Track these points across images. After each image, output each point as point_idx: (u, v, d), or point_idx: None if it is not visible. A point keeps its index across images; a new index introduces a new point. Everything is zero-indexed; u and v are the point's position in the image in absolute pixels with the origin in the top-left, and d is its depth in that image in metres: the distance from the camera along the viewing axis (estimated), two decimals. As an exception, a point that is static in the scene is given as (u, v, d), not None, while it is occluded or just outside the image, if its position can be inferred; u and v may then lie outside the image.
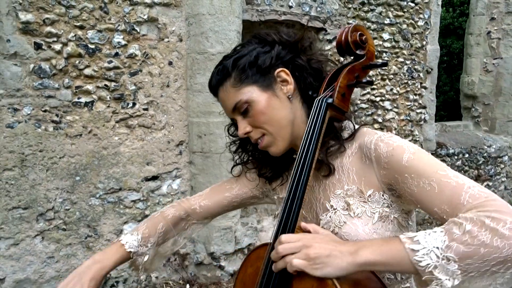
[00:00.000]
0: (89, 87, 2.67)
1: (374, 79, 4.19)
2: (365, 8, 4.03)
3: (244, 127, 0.89)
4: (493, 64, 5.55)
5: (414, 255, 0.64)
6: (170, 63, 2.95)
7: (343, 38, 0.84)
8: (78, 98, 2.65)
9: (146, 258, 1.04)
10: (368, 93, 4.17)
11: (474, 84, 5.68)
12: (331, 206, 0.86)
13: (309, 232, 0.78)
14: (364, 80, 0.87)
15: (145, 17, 2.80)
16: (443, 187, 0.70)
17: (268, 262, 0.80)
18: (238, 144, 1.05)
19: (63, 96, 2.60)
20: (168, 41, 2.92)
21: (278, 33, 0.90)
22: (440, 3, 4.59)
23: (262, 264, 0.84)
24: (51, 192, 2.63)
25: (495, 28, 5.48)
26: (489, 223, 0.62)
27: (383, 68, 4.25)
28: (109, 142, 2.78)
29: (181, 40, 2.96)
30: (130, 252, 1.00)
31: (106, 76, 2.72)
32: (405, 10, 4.32)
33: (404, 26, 4.34)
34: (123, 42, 2.75)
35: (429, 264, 0.63)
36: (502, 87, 5.49)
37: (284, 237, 0.75)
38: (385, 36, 4.21)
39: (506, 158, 5.54)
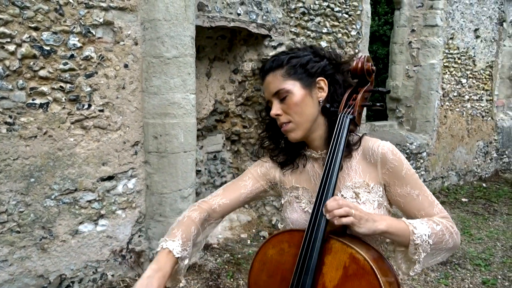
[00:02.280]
0: (44, 88, 2.67)
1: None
2: (306, 18, 4.37)
3: (277, 109, 1.09)
4: (414, 70, 6.24)
5: (414, 236, 0.99)
6: (126, 66, 3.02)
7: (359, 66, 1.09)
8: (33, 100, 2.64)
9: (186, 261, 1.09)
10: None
11: (398, 88, 6.34)
12: (342, 195, 1.10)
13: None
14: (378, 104, 1.14)
15: (101, 20, 2.85)
16: (423, 200, 1.09)
17: (309, 243, 0.98)
18: (270, 132, 1.22)
19: (17, 97, 2.57)
20: (124, 44, 2.99)
21: (330, 52, 1.14)
22: (370, 15, 5.09)
23: (287, 246, 1.04)
24: (4, 195, 2.59)
25: (415, 39, 6.16)
26: (449, 227, 1.06)
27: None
28: (65, 143, 2.80)
29: (136, 44, 3.05)
30: (178, 257, 1.03)
31: (61, 78, 2.73)
32: (340, 20, 4.74)
33: (339, 35, 4.77)
34: (79, 44, 2.78)
35: (418, 243, 0.99)
36: (421, 91, 6.20)
37: (332, 202, 0.96)
38: (323, 44, 4.59)
39: (424, 154, 6.26)
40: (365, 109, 1.20)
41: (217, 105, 4.42)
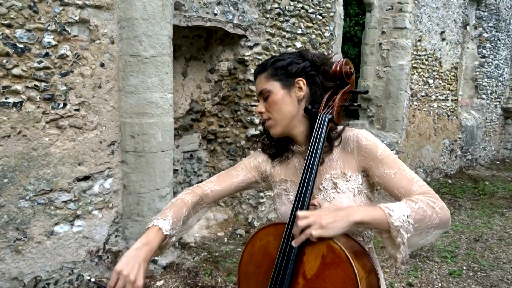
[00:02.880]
0: (18, 87, 2.61)
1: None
2: (281, 19, 4.44)
3: (260, 107, 1.21)
4: (384, 71, 6.45)
5: (391, 218, 0.98)
6: (102, 65, 3.00)
7: (338, 69, 1.16)
8: (6, 98, 2.58)
9: (174, 239, 1.20)
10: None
11: (369, 88, 6.53)
12: (323, 187, 1.17)
13: (314, 205, 1.07)
14: (355, 104, 1.22)
15: (76, 18, 2.81)
16: (402, 177, 1.09)
17: (289, 236, 1.04)
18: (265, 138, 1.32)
19: (-11, 96, 2.51)
20: (100, 43, 2.96)
21: (314, 54, 1.20)
22: (342, 17, 5.23)
23: (273, 239, 1.10)
24: (-24, 196, 2.53)
25: (385, 40, 6.37)
26: (431, 204, 1.03)
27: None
28: (39, 143, 2.75)
29: (113, 43, 3.03)
30: (167, 235, 1.14)
31: (35, 76, 2.68)
32: (314, 22, 4.85)
33: (314, 36, 4.87)
34: (54, 42, 2.73)
35: (398, 225, 0.98)
36: (391, 91, 6.41)
37: (300, 213, 1.01)
38: (298, 44, 4.68)
39: (394, 152, 6.48)
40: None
41: (193, 105, 4.43)
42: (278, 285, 1.04)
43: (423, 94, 7.04)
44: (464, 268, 3.77)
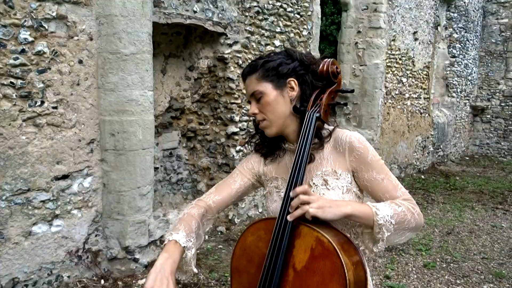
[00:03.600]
0: (-7, 84, 2.54)
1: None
2: (260, 17, 4.47)
3: (254, 109, 1.23)
4: (360, 69, 6.58)
5: (377, 216, 1.08)
6: (80, 62, 2.95)
7: (325, 68, 1.20)
8: (-19, 96, 2.51)
9: (193, 251, 1.17)
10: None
11: (346, 87, 6.65)
12: (314, 183, 1.21)
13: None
14: (341, 102, 1.26)
15: (54, 14, 2.76)
16: (387, 183, 1.19)
17: (279, 230, 1.08)
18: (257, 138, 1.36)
19: (-37, 93, 2.43)
20: (78, 39, 2.91)
21: (301, 53, 1.23)
22: (320, 16, 5.31)
23: (263, 233, 1.13)
24: (-50, 197, 2.45)
25: (361, 39, 6.50)
26: (411, 209, 1.14)
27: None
28: (16, 141, 2.68)
29: (91, 39, 2.98)
30: (184, 247, 1.13)
31: (11, 73, 2.61)
32: (292, 20, 4.91)
33: (292, 35, 4.93)
34: (30, 39, 2.67)
35: (382, 223, 1.08)
36: (367, 89, 6.56)
37: (300, 188, 1.06)
38: (277, 43, 4.73)
39: (370, 149, 6.63)
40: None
41: (172, 102, 4.41)
42: (269, 278, 1.08)
43: (397, 92, 7.23)
44: (438, 260, 3.92)
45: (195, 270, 1.24)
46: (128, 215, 3.20)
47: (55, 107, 2.85)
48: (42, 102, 2.78)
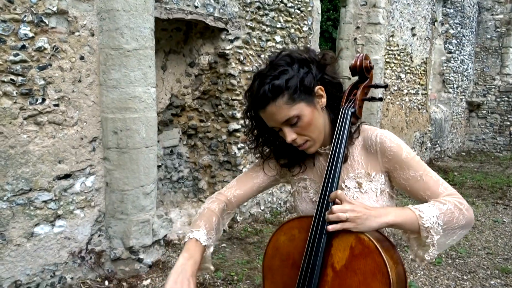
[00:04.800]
0: (-7, 81, 2.47)
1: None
2: (261, 12, 4.42)
3: (291, 135, 1.08)
4: (359, 66, 6.54)
5: (422, 220, 1.01)
6: (82, 58, 2.87)
7: (358, 63, 1.15)
8: (-20, 93, 2.43)
9: (211, 249, 1.16)
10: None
11: (345, 83, 6.61)
12: (346, 186, 1.15)
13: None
14: (376, 97, 1.21)
15: (54, 9, 2.68)
16: (428, 180, 1.09)
17: (317, 230, 1.04)
18: (261, 140, 1.22)
19: (-38, 91, 2.35)
20: (79, 35, 2.84)
21: (306, 52, 1.11)
22: (320, 11, 5.27)
23: (298, 232, 1.09)
24: (-51, 198, 2.37)
25: (360, 35, 6.47)
26: (458, 205, 1.05)
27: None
28: (17, 140, 2.61)
29: (93, 35, 2.91)
30: (205, 245, 1.10)
31: (12, 70, 2.53)
32: (293, 16, 4.86)
33: (292, 30, 4.88)
34: (30, 34, 2.59)
35: (429, 226, 1.00)
36: (366, 85, 6.52)
37: (336, 208, 1.00)
38: (277, 38, 4.68)
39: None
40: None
41: (173, 99, 4.34)
42: (308, 278, 1.04)
43: (395, 88, 7.22)
44: (443, 256, 3.90)
45: (212, 268, 1.22)
46: (132, 215, 3.13)
47: (57, 105, 2.77)
48: (43, 100, 2.70)
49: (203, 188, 4.68)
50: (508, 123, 10.24)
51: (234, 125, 4.33)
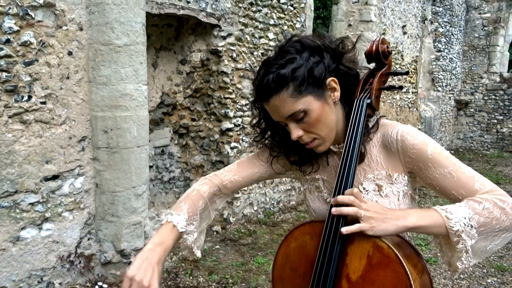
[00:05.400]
0: (-25, 77, 2.33)
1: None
2: (254, 8, 4.33)
3: (297, 131, 0.97)
4: (351, 64, 6.51)
5: (449, 222, 0.88)
6: (70, 53, 2.75)
7: (374, 48, 1.02)
8: (-39, 90, 2.29)
9: (194, 235, 1.06)
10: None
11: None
12: (364, 188, 1.03)
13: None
14: (396, 86, 1.09)
15: (41, 1, 2.55)
16: (459, 176, 0.94)
17: (329, 235, 0.94)
18: (269, 134, 1.12)
19: None
20: (67, 29, 2.71)
21: (322, 38, 0.98)
22: (313, 8, 5.21)
23: (309, 238, 0.99)
24: None
25: (352, 33, 6.43)
26: (499, 203, 0.89)
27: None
28: (1, 139, 2.47)
29: (81, 29, 2.78)
30: (182, 232, 1.01)
31: (-5, 66, 2.40)
32: (286, 12, 4.78)
33: (285, 27, 4.81)
34: (16, 28, 2.46)
35: (459, 229, 0.87)
36: (358, 83, 6.50)
37: (348, 194, 0.92)
38: (270, 35, 4.59)
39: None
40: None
41: (164, 97, 4.23)
42: None
43: (387, 86, 7.21)
44: (439, 254, 3.87)
45: (199, 254, 1.12)
46: (123, 217, 3.02)
47: (44, 102, 2.64)
48: (30, 97, 2.57)
49: (195, 188, 4.57)
50: (495, 121, 10.36)
51: (227, 124, 4.24)
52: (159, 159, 4.37)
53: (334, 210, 0.91)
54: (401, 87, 1.15)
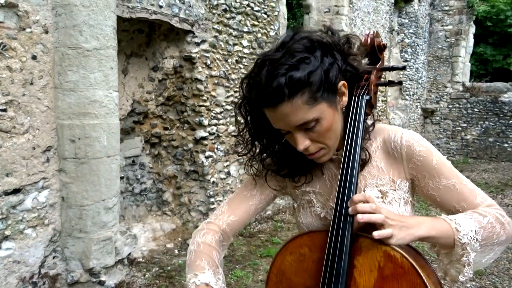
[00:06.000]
0: None
1: (236, 82, 4.46)
2: (227, 15, 4.25)
3: (303, 141, 0.87)
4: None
5: (458, 234, 0.85)
6: (34, 57, 2.56)
7: (368, 42, 0.96)
8: None
9: None
10: (232, 95, 4.41)
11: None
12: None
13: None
14: (396, 81, 1.03)
15: (2, 1, 2.36)
16: (462, 189, 0.92)
17: (335, 248, 0.85)
18: (261, 144, 1.00)
19: None
20: (31, 31, 2.52)
21: (331, 35, 0.89)
22: (286, 17, 5.19)
23: (308, 251, 0.89)
24: None
25: (324, 42, 6.47)
26: (499, 217, 0.90)
27: (244, 73, 4.56)
28: (-45, 151, 2.25)
29: (47, 32, 2.60)
30: None
31: (-52, 69, 2.19)
32: (260, 20, 4.73)
33: (259, 35, 4.75)
34: (-28, 29, 2.26)
35: (466, 242, 0.85)
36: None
37: (360, 197, 0.83)
38: (245, 43, 4.52)
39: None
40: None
41: (135, 105, 4.05)
42: None
43: (358, 95, 7.30)
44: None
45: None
46: (92, 232, 2.82)
47: (4, 110, 2.43)
48: (-12, 104, 2.36)
49: (168, 200, 4.39)
50: (460, 128, 10.71)
51: (201, 133, 4.10)
52: (130, 170, 4.17)
53: (360, 217, 0.80)
54: (400, 82, 1.08)
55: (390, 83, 1.03)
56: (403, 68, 1.08)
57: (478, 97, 10.30)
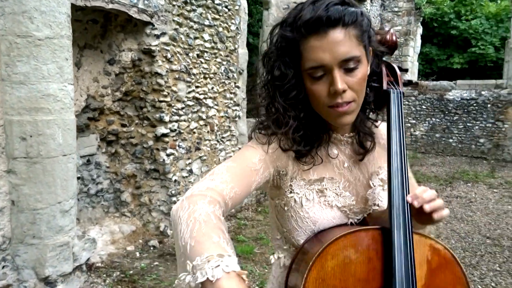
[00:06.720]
0: None
1: (198, 77, 4.32)
2: (188, 8, 4.10)
3: (342, 83, 0.80)
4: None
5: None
6: (-23, 46, 2.29)
7: (394, 39, 0.98)
8: None
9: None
10: (193, 90, 4.27)
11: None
12: (372, 183, 0.96)
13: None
14: (413, 81, 1.08)
15: None
16: (413, 182, 0.97)
17: (399, 236, 0.80)
18: (292, 101, 0.86)
19: None
20: (-27, 16, 2.26)
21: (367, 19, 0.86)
22: (247, 11, 5.11)
23: (354, 252, 0.81)
24: None
25: (283, 38, 6.48)
26: None
27: (205, 68, 4.44)
28: None
29: (-9, 18, 2.34)
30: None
31: None
32: (221, 14, 4.62)
33: (220, 29, 4.64)
34: None
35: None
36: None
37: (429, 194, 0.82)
38: (206, 36, 4.39)
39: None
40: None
41: (89, 101, 3.80)
42: None
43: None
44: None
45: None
46: (47, 238, 2.59)
47: None
48: None
49: (126, 201, 4.18)
50: (409, 124, 11.19)
51: (162, 130, 3.93)
52: (85, 169, 3.91)
53: (428, 207, 0.79)
54: (417, 83, 1.09)
55: (410, 83, 1.05)
56: (406, 70, 1.09)
57: (426, 94, 10.82)
